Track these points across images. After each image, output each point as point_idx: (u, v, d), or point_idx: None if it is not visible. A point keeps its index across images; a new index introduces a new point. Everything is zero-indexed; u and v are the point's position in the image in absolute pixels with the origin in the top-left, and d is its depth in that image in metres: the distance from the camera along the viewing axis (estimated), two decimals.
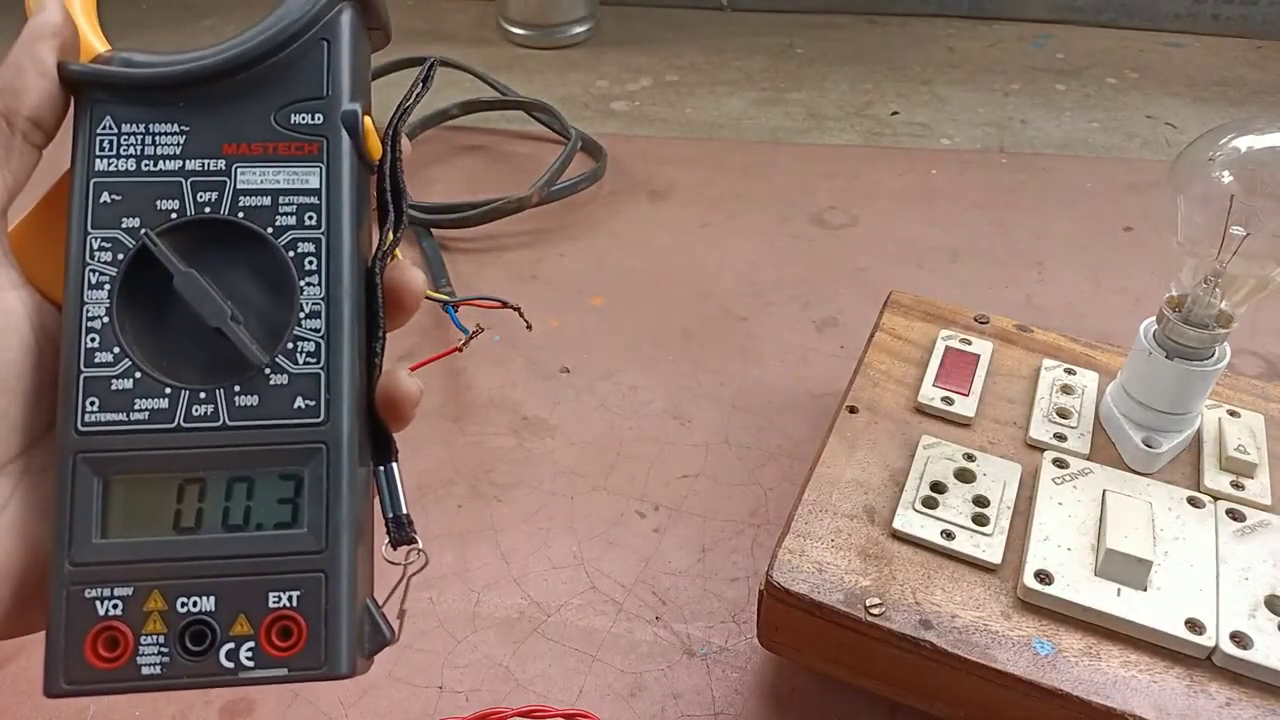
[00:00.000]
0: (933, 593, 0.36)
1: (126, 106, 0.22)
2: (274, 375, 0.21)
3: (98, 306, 0.21)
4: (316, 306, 0.22)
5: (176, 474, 0.21)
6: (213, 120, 0.22)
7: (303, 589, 0.21)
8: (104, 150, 0.22)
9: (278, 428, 0.21)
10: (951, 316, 0.50)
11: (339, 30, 0.23)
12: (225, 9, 1.10)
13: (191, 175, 0.22)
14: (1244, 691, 0.33)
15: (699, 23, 1.06)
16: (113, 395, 0.21)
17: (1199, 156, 0.38)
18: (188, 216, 0.22)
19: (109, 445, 0.21)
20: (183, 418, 0.21)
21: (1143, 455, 0.40)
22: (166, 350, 0.22)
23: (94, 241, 0.22)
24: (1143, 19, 1.03)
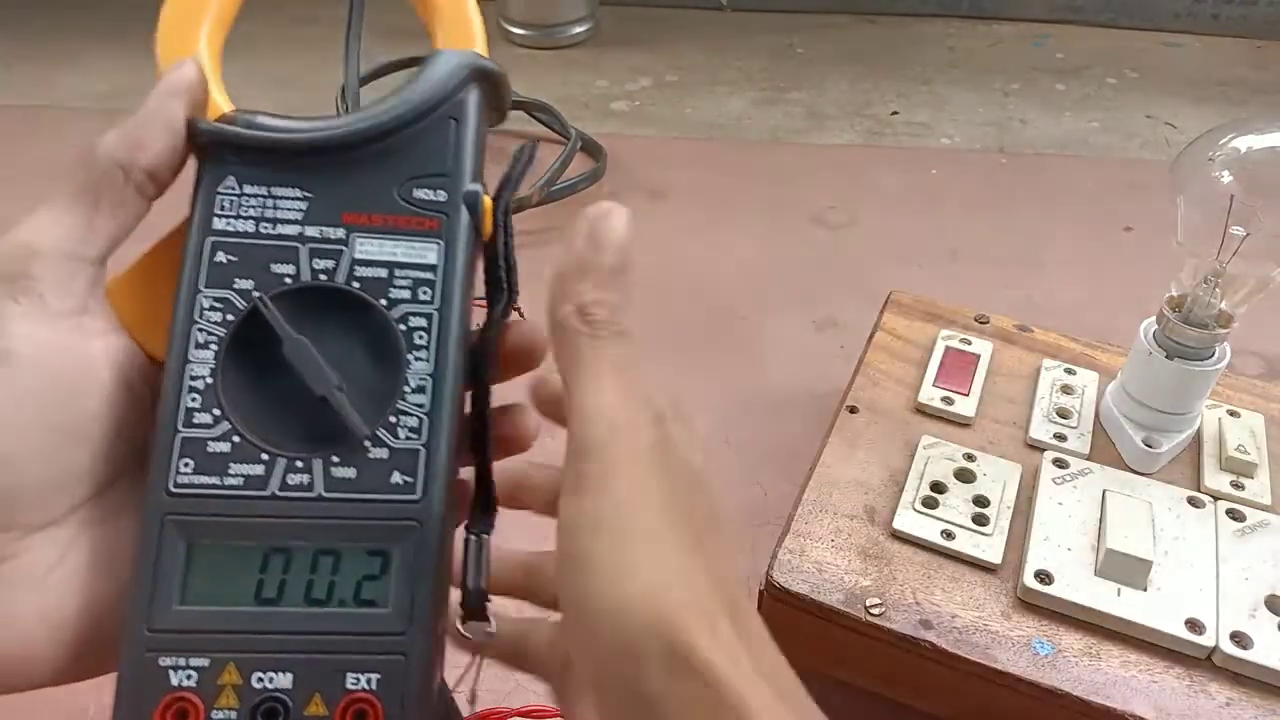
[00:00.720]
0: (933, 593, 0.36)
1: (250, 168, 0.22)
2: (374, 448, 0.21)
3: (202, 366, 0.21)
4: (423, 382, 0.21)
5: (264, 543, 0.20)
6: (335, 188, 0.22)
7: (382, 672, 0.20)
8: (224, 210, 0.22)
9: (373, 502, 0.21)
10: (951, 316, 0.50)
11: (467, 109, 0.23)
12: None
13: (310, 241, 0.22)
14: (1244, 691, 0.33)
15: (699, 23, 1.06)
16: (208, 458, 0.20)
17: (1199, 156, 0.38)
18: (302, 283, 0.22)
19: (199, 509, 0.20)
20: (277, 486, 0.20)
21: (1143, 455, 0.40)
22: (267, 416, 0.21)
23: (205, 300, 0.21)
24: (1143, 19, 1.03)
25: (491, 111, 0.25)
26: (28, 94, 0.91)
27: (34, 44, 1.01)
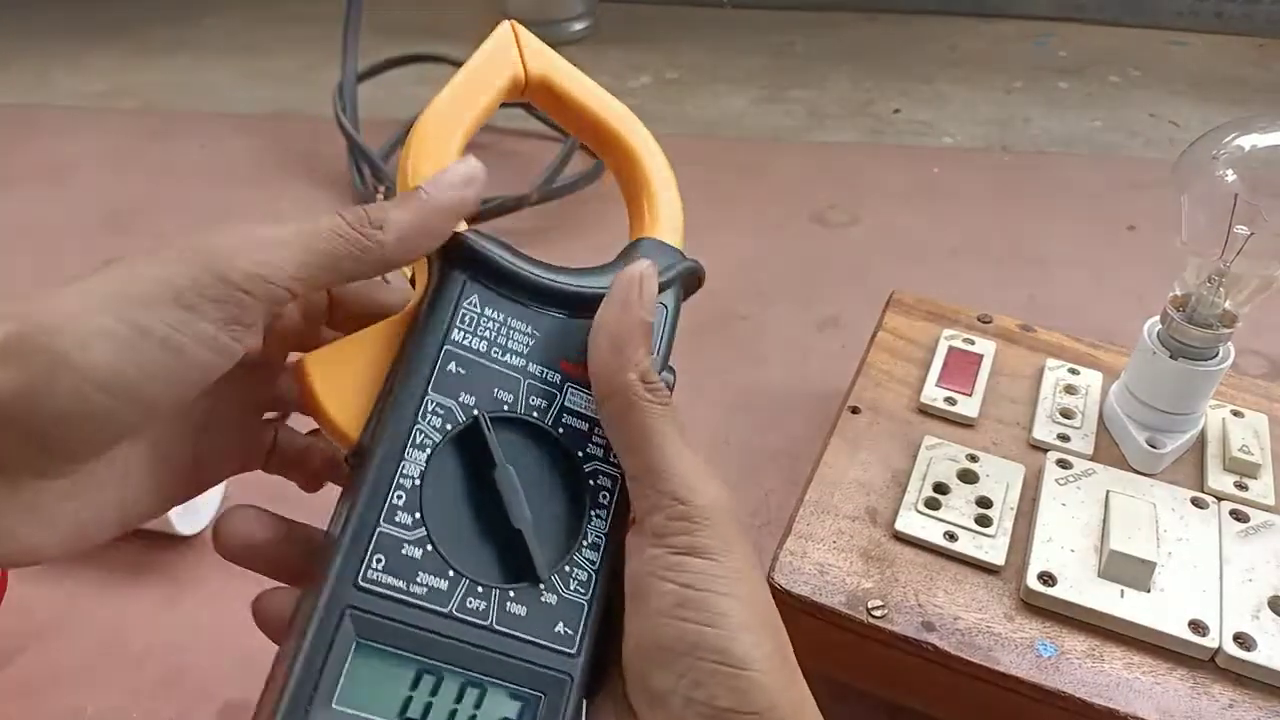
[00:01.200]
0: (935, 594, 0.35)
1: (496, 293, 0.24)
2: (546, 593, 0.22)
3: (414, 467, 0.21)
4: (598, 540, 0.23)
5: (430, 658, 0.20)
6: (559, 337, 0.24)
7: None
8: (464, 324, 0.23)
9: (535, 646, 0.21)
10: (954, 316, 0.49)
11: (673, 301, 0.26)
12: (224, 7, 1.09)
13: (530, 377, 0.23)
14: (1247, 693, 0.33)
15: (699, 20, 1.06)
16: (400, 560, 0.21)
17: (1202, 155, 0.38)
18: (518, 414, 0.23)
19: (380, 610, 0.20)
20: (456, 606, 0.21)
21: (1146, 456, 0.40)
22: (459, 533, 0.22)
23: (430, 404, 0.22)
24: (1145, 17, 1.03)
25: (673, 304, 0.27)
26: (27, 94, 0.91)
27: (33, 44, 1.00)
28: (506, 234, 0.80)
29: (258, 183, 0.76)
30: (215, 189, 0.75)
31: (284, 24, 1.06)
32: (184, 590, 0.44)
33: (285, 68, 0.96)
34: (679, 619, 0.21)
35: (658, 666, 0.21)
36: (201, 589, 0.44)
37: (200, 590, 0.44)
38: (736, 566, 0.22)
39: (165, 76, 0.94)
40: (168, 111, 0.88)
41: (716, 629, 0.21)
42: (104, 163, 0.79)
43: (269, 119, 0.86)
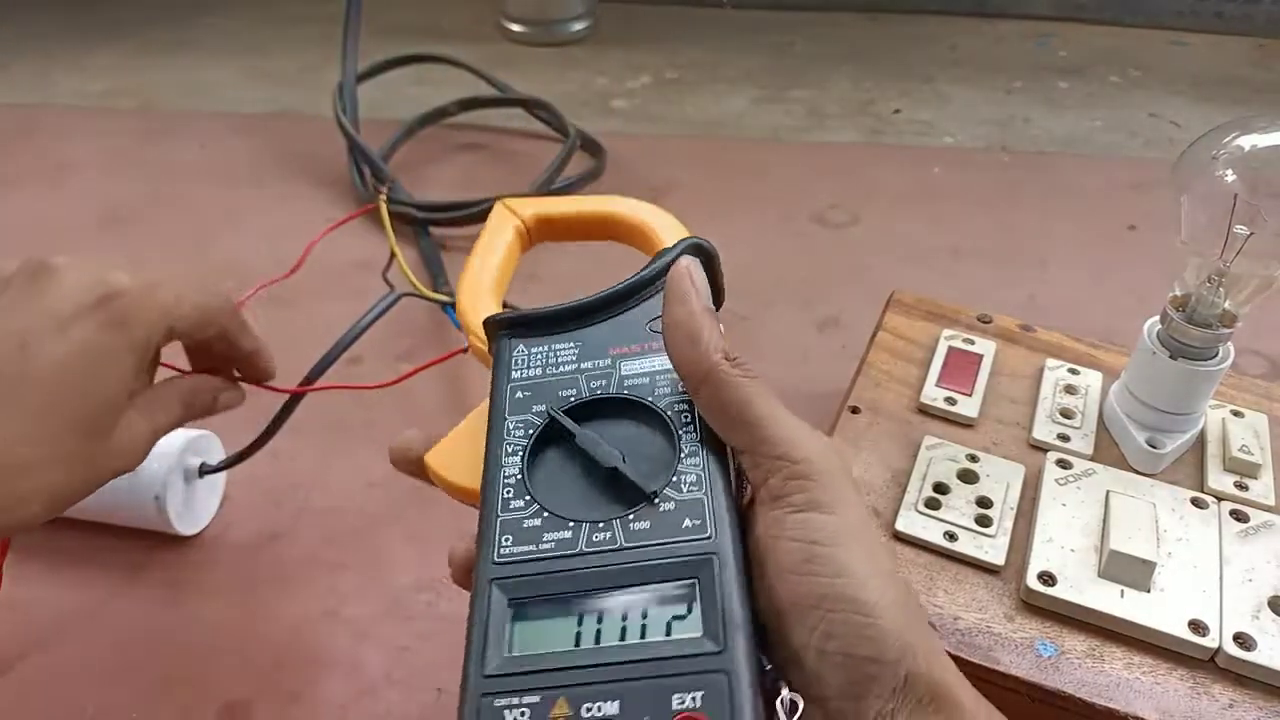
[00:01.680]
0: (935, 594, 0.36)
1: (532, 336, 0.29)
2: (663, 504, 0.24)
3: (512, 468, 0.26)
4: (694, 448, 0.25)
5: (578, 588, 0.23)
6: (598, 335, 0.29)
7: (706, 689, 0.21)
8: (518, 364, 0.29)
9: (671, 544, 0.23)
10: (954, 316, 0.49)
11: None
12: (223, 8, 1.09)
13: (585, 372, 0.28)
14: (1247, 693, 0.33)
15: (699, 20, 1.06)
16: (524, 531, 0.24)
17: (1202, 155, 0.38)
18: (583, 398, 0.27)
19: (520, 572, 0.23)
20: (585, 545, 0.24)
21: (1146, 456, 0.40)
22: (571, 496, 0.25)
23: (510, 424, 0.27)
24: (1146, 17, 1.03)
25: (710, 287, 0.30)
26: (27, 94, 0.91)
27: (33, 44, 1.01)
28: None
29: (258, 183, 0.76)
30: (215, 189, 0.75)
31: (284, 24, 1.06)
32: (184, 590, 0.44)
33: (285, 68, 0.96)
34: (807, 574, 0.22)
35: (790, 623, 0.22)
36: (201, 589, 0.44)
37: (200, 590, 0.44)
38: (855, 518, 0.23)
39: (165, 76, 0.94)
40: (168, 111, 0.88)
41: (845, 578, 0.22)
42: (104, 162, 0.79)
43: (269, 119, 0.86)
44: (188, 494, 0.45)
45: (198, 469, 0.45)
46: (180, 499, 0.45)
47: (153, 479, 0.43)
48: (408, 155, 0.79)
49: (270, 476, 0.50)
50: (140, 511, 0.44)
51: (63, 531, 0.46)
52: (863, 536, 0.22)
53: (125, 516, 0.45)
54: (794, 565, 0.22)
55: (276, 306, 0.63)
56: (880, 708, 0.21)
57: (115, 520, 0.45)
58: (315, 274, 0.66)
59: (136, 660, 0.41)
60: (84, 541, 0.46)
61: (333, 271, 0.66)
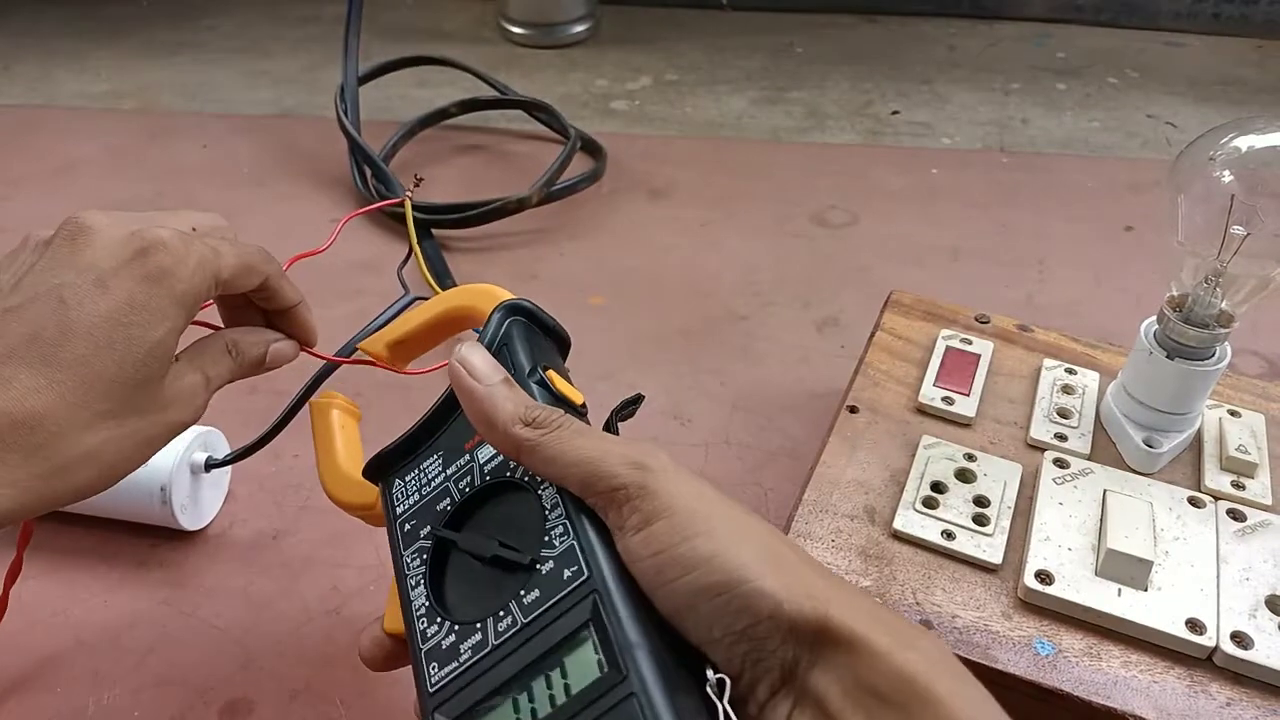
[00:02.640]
0: (933, 593, 0.36)
1: (403, 465, 0.31)
2: (543, 566, 0.25)
3: (419, 599, 0.28)
4: (555, 500, 0.26)
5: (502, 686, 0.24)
6: (452, 436, 0.31)
7: (620, 715, 0.22)
8: (399, 499, 0.31)
9: (559, 600, 0.24)
10: (952, 316, 0.49)
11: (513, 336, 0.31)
12: (225, 9, 1.10)
13: (451, 477, 0.30)
14: (1245, 691, 0.33)
15: (699, 22, 1.06)
16: (444, 653, 0.26)
17: (1200, 156, 0.38)
18: (458, 503, 0.29)
19: (453, 691, 0.25)
20: (493, 638, 0.25)
21: (1143, 455, 0.40)
22: (476, 599, 0.27)
23: (407, 558, 0.29)
24: (1143, 18, 1.03)
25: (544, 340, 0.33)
26: (30, 94, 0.91)
27: (36, 45, 1.01)
28: (507, 234, 0.80)
29: (259, 183, 0.77)
30: (217, 189, 0.76)
31: (285, 26, 1.06)
32: (186, 588, 0.44)
33: (287, 69, 0.96)
34: (669, 583, 0.23)
35: (683, 627, 0.23)
36: (203, 586, 0.44)
37: (202, 587, 0.44)
38: (688, 509, 0.23)
39: (168, 77, 0.94)
40: (170, 112, 0.88)
41: (693, 572, 0.23)
42: (107, 163, 0.79)
43: (271, 120, 0.87)
44: (193, 489, 0.46)
45: (204, 464, 0.45)
46: (186, 493, 0.45)
47: (159, 472, 0.44)
48: (408, 156, 0.80)
49: (272, 475, 0.50)
50: (145, 505, 0.44)
51: (68, 526, 0.46)
52: (703, 520, 0.23)
53: (130, 510, 0.45)
54: (657, 581, 0.23)
55: None
56: (783, 659, 0.22)
57: (120, 515, 0.46)
58: (315, 273, 0.66)
59: (137, 658, 0.41)
60: (88, 538, 0.46)
61: (334, 271, 0.66)
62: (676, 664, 0.23)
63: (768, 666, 0.22)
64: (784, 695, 0.22)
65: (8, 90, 0.92)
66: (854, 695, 0.22)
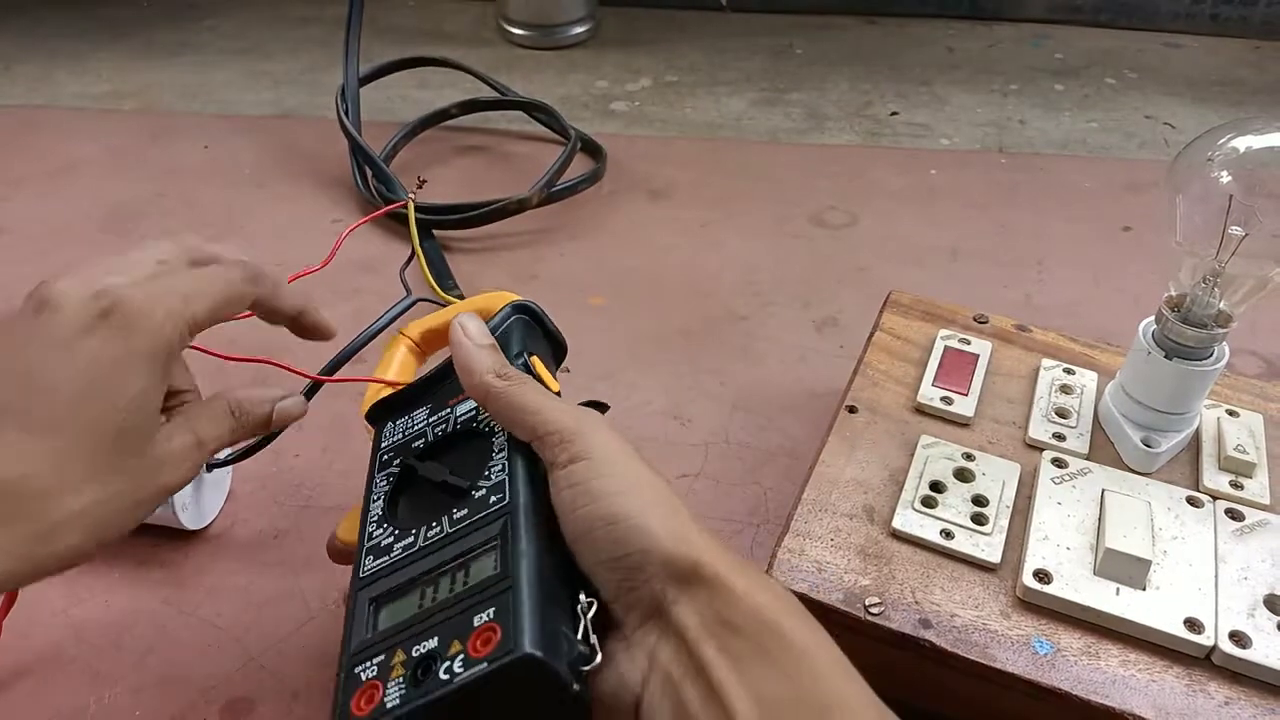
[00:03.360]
0: (932, 592, 0.36)
1: (397, 414, 0.37)
2: (476, 491, 0.31)
3: (376, 509, 0.33)
4: (502, 445, 0.32)
5: (419, 576, 0.29)
6: (441, 394, 0.36)
7: (496, 605, 0.26)
8: (387, 437, 0.36)
9: (481, 516, 0.30)
10: (950, 316, 0.50)
11: (511, 329, 0.37)
12: (226, 10, 1.10)
13: (431, 424, 0.35)
14: (1243, 690, 0.33)
15: (698, 23, 1.07)
16: (380, 550, 0.31)
17: (1198, 156, 0.38)
18: (430, 441, 0.34)
19: (378, 577, 0.30)
20: (422, 540, 0.30)
21: (1142, 455, 0.40)
22: (419, 515, 0.32)
23: (378, 479, 0.34)
24: (1141, 19, 1.03)
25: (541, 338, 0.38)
26: (31, 95, 0.91)
27: (37, 45, 1.01)
28: (507, 235, 0.80)
29: (260, 183, 0.77)
30: (218, 190, 0.76)
31: (286, 26, 1.06)
32: (187, 587, 0.44)
33: (288, 70, 0.96)
34: (577, 509, 0.28)
35: (579, 554, 0.28)
36: (204, 586, 0.45)
37: (203, 587, 0.44)
38: (606, 456, 0.28)
39: (168, 78, 0.94)
40: (171, 113, 0.88)
41: (595, 503, 0.27)
42: (108, 163, 0.79)
43: (272, 120, 0.87)
44: (194, 488, 0.46)
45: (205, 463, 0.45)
46: (187, 492, 0.45)
47: None
48: (409, 157, 0.80)
49: (273, 475, 0.50)
50: None
51: None
52: (616, 465, 0.28)
53: None
54: (568, 509, 0.28)
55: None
56: (654, 591, 0.26)
57: None
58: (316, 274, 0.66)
59: (138, 658, 0.41)
60: None
61: (334, 271, 0.66)
62: (562, 581, 0.28)
63: (640, 596, 0.27)
64: (651, 626, 0.27)
65: (8, 90, 0.92)
66: (710, 627, 0.25)
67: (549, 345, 0.38)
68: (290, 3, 1.11)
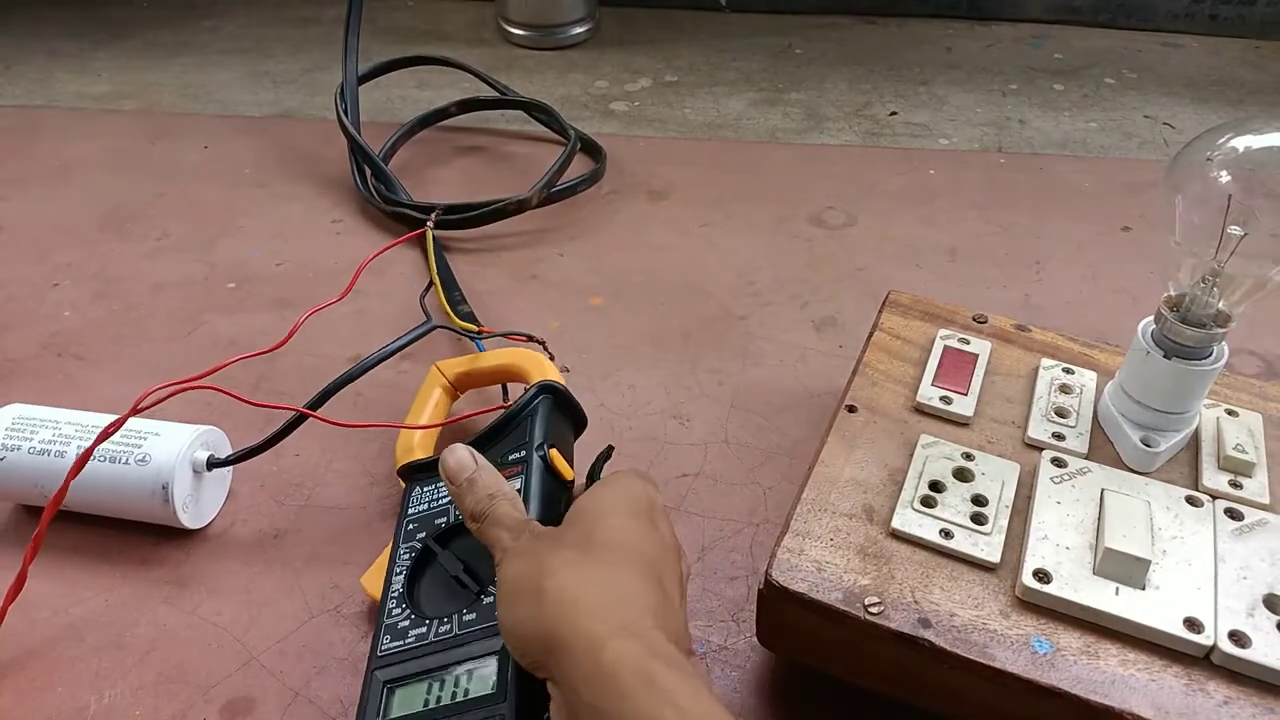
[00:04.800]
0: (931, 591, 0.36)
1: (426, 478, 0.40)
2: (485, 598, 0.34)
3: (398, 584, 0.36)
4: None
5: (427, 671, 0.33)
6: None
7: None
8: (413, 504, 0.39)
9: (486, 627, 0.33)
10: (950, 316, 0.50)
11: (538, 410, 0.39)
12: (226, 10, 1.10)
13: (452, 506, 0.38)
14: (1242, 690, 0.33)
15: (698, 23, 1.07)
16: (398, 631, 0.35)
17: (1197, 156, 0.38)
18: (452, 524, 0.37)
19: (393, 660, 0.34)
20: (433, 635, 0.34)
21: (1141, 454, 0.40)
22: (435, 600, 0.36)
23: (401, 551, 0.38)
24: (1141, 19, 1.03)
25: (564, 415, 0.41)
26: (31, 95, 0.91)
27: (37, 46, 1.01)
28: (507, 235, 0.80)
29: (260, 183, 0.77)
30: (218, 190, 0.76)
31: (286, 26, 1.06)
32: (188, 586, 0.45)
33: (287, 70, 0.96)
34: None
35: None
36: (205, 585, 0.45)
37: (204, 586, 0.45)
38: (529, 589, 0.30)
39: (168, 78, 0.94)
40: (171, 113, 0.88)
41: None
42: (108, 164, 0.79)
43: (271, 120, 0.87)
44: (195, 487, 0.46)
45: (205, 462, 0.46)
46: (187, 490, 0.45)
47: (161, 469, 0.44)
48: (408, 157, 0.80)
49: (274, 475, 0.50)
50: (147, 502, 0.44)
51: (69, 525, 0.46)
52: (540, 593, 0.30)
53: (132, 509, 0.45)
54: None
55: (278, 307, 0.63)
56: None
57: (122, 514, 0.46)
58: (315, 274, 0.66)
59: (139, 657, 0.41)
60: (90, 537, 0.46)
61: (334, 271, 0.66)
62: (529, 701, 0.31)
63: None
64: None
65: (8, 90, 0.92)
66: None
67: (571, 421, 0.41)
68: (290, 3, 1.11)
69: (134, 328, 0.61)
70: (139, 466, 0.44)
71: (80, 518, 0.46)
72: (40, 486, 0.45)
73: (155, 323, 0.62)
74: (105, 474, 0.44)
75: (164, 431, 0.45)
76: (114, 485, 0.44)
